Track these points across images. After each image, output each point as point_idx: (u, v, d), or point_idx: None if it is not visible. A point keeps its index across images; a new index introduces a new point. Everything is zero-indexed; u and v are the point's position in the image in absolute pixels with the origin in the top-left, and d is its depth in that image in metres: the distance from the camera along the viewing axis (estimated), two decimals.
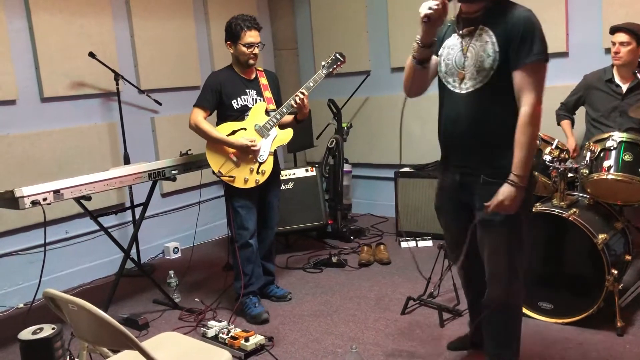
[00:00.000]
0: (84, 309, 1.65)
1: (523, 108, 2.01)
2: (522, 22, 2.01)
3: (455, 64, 2.15)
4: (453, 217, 2.38)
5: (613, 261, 2.82)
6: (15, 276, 3.79)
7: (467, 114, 2.12)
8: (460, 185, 2.24)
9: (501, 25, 2.03)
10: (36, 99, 3.92)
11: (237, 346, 2.84)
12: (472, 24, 2.10)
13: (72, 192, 2.96)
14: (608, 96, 3.49)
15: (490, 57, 2.05)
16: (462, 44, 2.12)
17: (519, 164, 2.02)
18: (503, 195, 2.03)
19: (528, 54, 1.99)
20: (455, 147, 2.24)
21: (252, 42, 3.23)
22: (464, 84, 2.12)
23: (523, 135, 2.01)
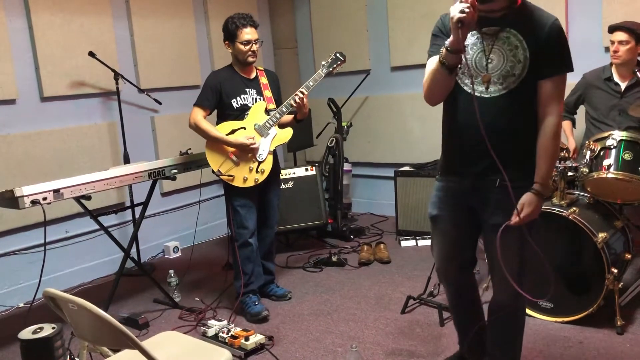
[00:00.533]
0: (84, 308, 1.65)
1: (551, 118, 1.99)
2: (555, 31, 1.96)
3: (475, 64, 2.04)
4: (454, 224, 2.24)
5: (613, 260, 2.82)
6: (15, 276, 3.80)
7: (488, 119, 1.98)
8: (472, 188, 2.13)
9: (531, 31, 1.96)
10: (36, 98, 3.92)
11: (237, 345, 2.85)
12: (496, 24, 2.00)
13: (72, 191, 2.96)
14: (607, 95, 3.49)
15: (520, 63, 1.97)
16: (485, 44, 2.02)
17: (544, 174, 2.00)
18: (530, 205, 2.00)
19: (560, 65, 1.98)
20: (470, 151, 2.10)
21: (249, 39, 3.23)
22: (489, 87, 2.02)
23: (551, 146, 1.99)
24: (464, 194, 2.16)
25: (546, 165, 2.00)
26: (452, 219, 2.22)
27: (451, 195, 2.20)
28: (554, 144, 1.99)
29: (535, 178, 2.01)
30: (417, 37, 4.76)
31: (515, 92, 2.00)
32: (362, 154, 5.44)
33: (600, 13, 3.96)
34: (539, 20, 1.97)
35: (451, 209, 2.21)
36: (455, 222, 2.23)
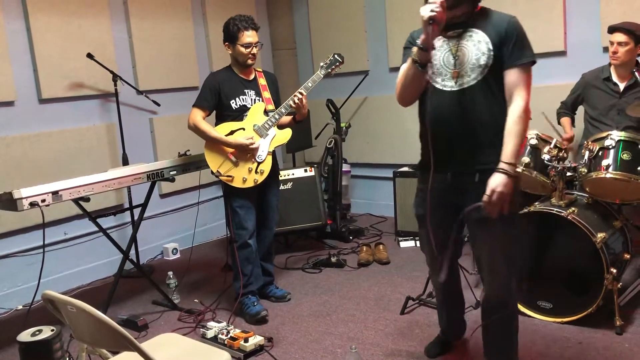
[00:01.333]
0: (83, 310, 1.64)
1: (516, 102, 2.11)
2: (514, 25, 2.13)
3: (443, 64, 2.19)
4: (439, 223, 2.26)
5: (612, 260, 2.82)
6: (14, 278, 3.79)
7: (461, 111, 2.15)
8: (453, 185, 2.22)
9: (491, 28, 2.13)
10: (34, 100, 3.92)
11: (236, 347, 2.84)
12: (459, 27, 2.17)
13: (70, 193, 2.96)
14: (606, 95, 3.50)
15: (485, 54, 2.12)
16: (450, 45, 2.18)
17: (510, 153, 2.07)
18: (495, 183, 2.05)
19: (522, 55, 2.12)
20: (448, 146, 2.20)
21: (250, 42, 3.23)
22: (458, 81, 2.16)
23: (516, 125, 2.08)
24: (445, 192, 2.23)
25: (510, 145, 2.07)
26: (437, 218, 2.24)
27: (433, 195, 2.21)
28: (519, 126, 2.08)
29: (501, 157, 2.08)
30: None
31: (484, 82, 2.14)
32: (361, 155, 5.45)
33: (599, 13, 3.96)
34: (498, 19, 2.16)
35: (435, 209, 2.23)
36: (439, 221, 2.26)
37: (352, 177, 5.49)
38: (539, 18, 4.17)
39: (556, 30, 4.13)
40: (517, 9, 4.28)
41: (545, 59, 4.17)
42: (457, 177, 2.22)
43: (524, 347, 2.74)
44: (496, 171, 2.06)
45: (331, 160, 4.79)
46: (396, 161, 5.07)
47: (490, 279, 2.26)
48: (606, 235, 2.85)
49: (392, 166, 4.99)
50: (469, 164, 2.18)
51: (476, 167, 2.17)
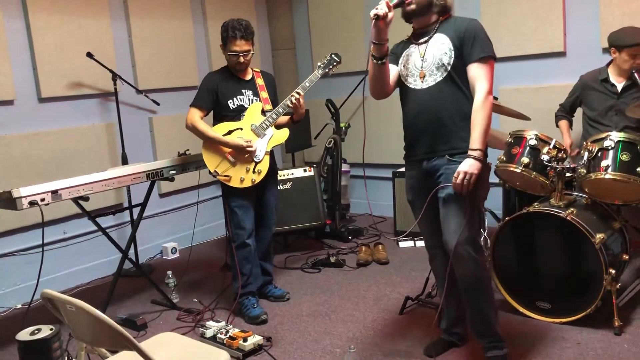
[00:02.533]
0: (82, 309, 1.64)
1: (477, 94, 2.35)
2: (472, 25, 2.40)
3: (414, 66, 2.49)
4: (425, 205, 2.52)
5: (611, 261, 2.82)
6: (13, 277, 3.79)
7: (429, 105, 2.43)
8: (427, 171, 2.50)
9: (452, 30, 2.41)
10: (34, 99, 3.92)
11: (235, 346, 2.85)
12: (426, 35, 2.47)
13: (70, 192, 2.96)
14: (604, 96, 3.51)
15: (446, 54, 2.40)
16: (420, 50, 2.47)
17: (476, 140, 2.32)
18: (465, 166, 2.31)
19: (480, 50, 2.36)
20: (421, 136, 2.49)
21: (236, 51, 3.23)
22: (425, 80, 2.44)
23: (478, 115, 2.32)
24: (423, 179, 2.52)
25: (476, 132, 2.32)
26: (423, 203, 2.53)
27: (416, 182, 2.58)
28: (481, 113, 2.32)
29: (470, 144, 2.33)
30: None
31: (448, 78, 2.41)
32: (360, 155, 5.44)
33: (598, 14, 3.96)
34: (460, 22, 2.42)
35: (420, 194, 2.56)
36: (424, 204, 2.51)
37: (351, 177, 5.49)
38: (539, 19, 4.17)
39: (556, 31, 4.14)
40: (517, 10, 4.30)
41: (545, 59, 4.18)
42: (430, 161, 2.49)
43: (522, 347, 2.75)
44: (466, 156, 2.32)
45: (330, 160, 4.79)
46: (395, 161, 5.07)
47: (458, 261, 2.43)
48: (605, 236, 2.85)
49: (391, 166, 4.99)
50: (440, 149, 2.45)
51: (446, 151, 2.43)
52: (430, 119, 2.43)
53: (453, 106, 2.41)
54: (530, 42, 4.22)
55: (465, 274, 2.46)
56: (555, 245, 2.97)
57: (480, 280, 2.48)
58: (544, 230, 2.99)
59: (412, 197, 2.63)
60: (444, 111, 2.42)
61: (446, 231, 2.44)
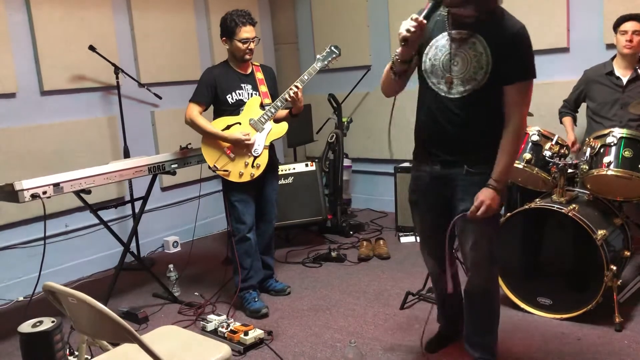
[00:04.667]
0: (84, 302, 1.65)
1: (514, 120, 2.15)
2: (521, 36, 2.11)
3: (441, 65, 2.20)
4: (429, 208, 2.44)
5: (612, 257, 2.82)
6: (15, 269, 3.80)
7: (452, 117, 2.21)
8: (441, 176, 2.32)
9: (496, 38, 2.10)
10: (36, 92, 3.91)
11: (236, 340, 2.85)
12: (465, 28, 2.15)
13: (72, 185, 2.96)
14: (609, 89, 3.50)
15: (483, 69, 2.13)
16: (452, 48, 2.17)
17: (502, 171, 2.17)
18: (484, 196, 2.16)
19: (524, 72, 2.13)
20: (438, 143, 2.30)
21: (247, 37, 3.22)
22: (452, 89, 2.19)
23: (511, 146, 2.17)
24: (434, 182, 2.35)
25: (503, 163, 2.17)
26: (427, 204, 2.44)
27: (424, 183, 2.40)
28: (514, 145, 2.17)
29: (492, 174, 2.18)
30: None
31: (475, 95, 2.16)
32: (362, 150, 5.44)
33: (602, 10, 3.95)
34: (506, 27, 2.11)
35: (425, 196, 2.42)
36: (429, 207, 2.43)
37: (353, 172, 5.49)
38: (543, 14, 4.15)
39: (559, 26, 4.12)
40: (520, 6, 4.26)
41: (548, 55, 4.16)
42: (445, 168, 2.30)
43: (523, 342, 2.75)
44: (486, 186, 2.17)
45: (332, 155, 4.78)
46: (397, 157, 5.07)
47: (473, 267, 2.36)
48: (606, 233, 2.85)
49: (393, 162, 4.98)
50: (457, 159, 2.26)
51: (464, 162, 2.25)
52: (451, 130, 2.22)
53: (478, 122, 2.20)
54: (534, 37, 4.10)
55: (475, 284, 2.39)
56: (557, 241, 2.97)
57: (489, 293, 2.41)
58: (545, 226, 2.99)
59: (415, 197, 2.48)
60: (468, 127, 2.20)
61: (464, 243, 2.34)
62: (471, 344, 2.50)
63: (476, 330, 2.48)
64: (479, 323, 2.46)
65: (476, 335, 2.48)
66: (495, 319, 2.46)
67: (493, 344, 2.47)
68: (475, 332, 2.48)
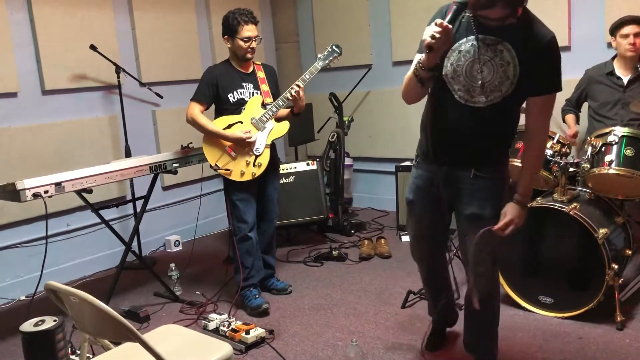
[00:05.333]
0: (86, 301, 1.65)
1: (539, 136, 2.13)
2: (551, 46, 2.00)
3: (464, 72, 2.07)
4: (427, 209, 2.36)
5: (613, 256, 2.82)
6: (16, 268, 3.81)
7: (468, 125, 2.13)
8: (447, 177, 2.25)
9: (525, 47, 1.99)
10: (37, 91, 3.92)
11: (237, 339, 2.86)
12: (492, 34, 2.01)
13: (73, 184, 2.97)
14: (610, 89, 3.50)
15: (509, 80, 2.03)
16: (477, 54, 2.03)
17: (526, 186, 2.15)
18: (512, 214, 2.12)
19: (552, 84, 2.05)
20: (446, 148, 2.23)
21: (249, 36, 3.23)
22: (473, 97, 2.08)
23: (536, 159, 2.19)
24: (437, 184, 2.26)
25: (528, 179, 2.16)
26: (425, 205, 2.36)
27: (426, 184, 2.32)
28: (539, 159, 2.22)
29: (518, 189, 2.15)
30: (419, 31, 4.71)
31: (499, 106, 2.08)
32: (363, 149, 5.44)
33: (603, 9, 3.94)
34: (537, 36, 1.99)
35: (425, 197, 2.34)
36: (427, 208, 2.36)
37: (354, 171, 5.49)
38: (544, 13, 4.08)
39: (561, 25, 4.11)
40: None
41: None
42: (452, 170, 2.24)
43: (524, 341, 2.75)
44: (514, 202, 2.14)
45: (333, 154, 4.78)
46: (398, 155, 5.06)
47: (476, 274, 2.32)
48: (608, 231, 2.84)
49: (394, 160, 4.98)
50: (465, 162, 2.21)
51: (472, 164, 2.20)
52: (466, 138, 2.15)
53: (495, 132, 2.15)
54: None
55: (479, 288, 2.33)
56: (558, 240, 2.97)
57: (491, 297, 2.38)
58: (546, 225, 2.99)
59: (413, 197, 2.39)
60: (486, 137, 2.14)
61: (467, 249, 2.30)
62: (472, 348, 2.50)
63: (477, 334, 2.47)
64: (480, 327, 2.44)
65: (476, 339, 2.47)
66: (495, 323, 2.44)
67: (493, 346, 2.46)
68: (476, 336, 2.47)
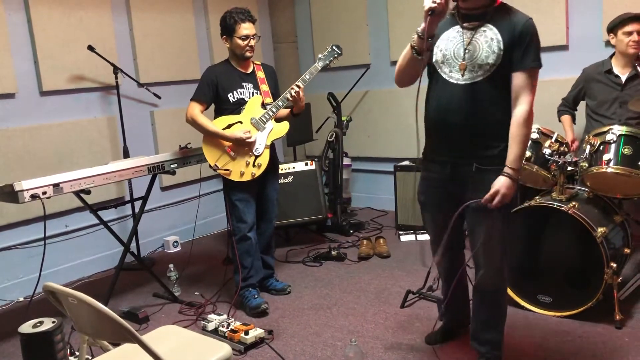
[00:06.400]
0: (84, 302, 1.65)
1: (521, 107, 2.18)
2: (528, 28, 2.16)
3: (453, 55, 2.24)
4: (439, 209, 2.44)
5: (612, 254, 2.82)
6: (15, 270, 3.80)
7: (462, 104, 2.23)
8: (451, 176, 2.32)
9: (507, 27, 2.16)
10: (35, 92, 3.91)
11: (237, 339, 2.85)
12: (476, 20, 2.21)
13: (71, 185, 2.96)
14: (608, 87, 3.50)
15: (495, 53, 2.16)
16: (464, 37, 2.22)
17: (515, 159, 2.17)
18: (499, 185, 2.16)
19: (532, 59, 2.16)
20: (448, 136, 2.30)
21: (247, 34, 3.23)
22: (464, 75, 2.22)
23: (521, 131, 2.17)
24: (444, 182, 2.35)
25: (515, 150, 2.17)
26: (437, 205, 2.44)
27: (434, 184, 2.42)
28: (523, 130, 2.17)
29: (506, 162, 2.19)
30: None
31: (490, 80, 2.19)
32: (361, 149, 5.44)
33: (601, 7, 3.95)
34: (515, 18, 2.18)
35: (435, 196, 2.43)
36: (440, 208, 2.43)
37: (353, 171, 5.49)
38: (542, 12, 4.15)
39: (558, 24, 4.12)
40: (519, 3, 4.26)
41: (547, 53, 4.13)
42: (455, 167, 2.31)
43: (523, 340, 2.75)
44: (501, 174, 2.17)
45: (332, 154, 4.78)
46: (397, 155, 5.07)
47: (485, 264, 2.36)
48: (606, 230, 2.84)
49: (393, 160, 4.99)
50: (467, 155, 2.27)
51: (474, 159, 2.26)
52: (462, 119, 2.23)
53: (488, 110, 2.22)
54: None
55: (486, 282, 2.39)
56: (557, 239, 2.97)
57: (499, 290, 2.43)
58: (545, 224, 2.99)
59: (425, 198, 2.49)
60: (479, 115, 2.22)
61: (475, 241, 2.34)
62: (478, 340, 2.52)
63: (484, 326, 2.49)
64: (487, 319, 2.47)
65: (483, 331, 2.49)
66: (503, 315, 2.47)
67: (499, 339, 2.48)
68: (483, 328, 2.49)
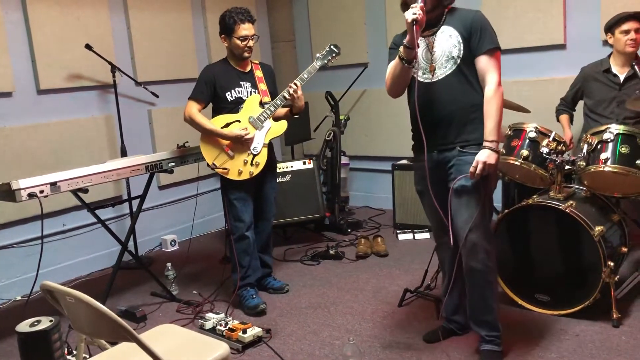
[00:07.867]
0: (82, 301, 1.65)
1: (489, 85, 2.40)
2: (478, 18, 2.44)
3: (422, 59, 2.49)
4: (435, 195, 2.50)
5: (609, 253, 2.83)
6: (12, 269, 3.80)
7: (440, 98, 2.45)
8: (438, 162, 2.51)
9: (460, 23, 2.44)
10: (32, 91, 3.91)
11: (234, 338, 2.86)
12: (433, 27, 2.47)
13: (69, 184, 2.96)
14: (606, 87, 3.50)
15: (456, 47, 2.42)
16: (427, 43, 2.48)
17: (491, 131, 2.38)
18: (482, 156, 2.35)
19: (489, 42, 2.40)
20: (431, 129, 2.45)
21: (246, 34, 3.22)
22: (435, 73, 2.46)
23: (491, 106, 2.38)
24: (433, 169, 2.50)
25: (489, 123, 2.38)
26: (432, 192, 2.50)
27: (424, 173, 2.52)
28: (494, 104, 2.37)
29: (484, 136, 2.39)
30: None
31: (458, 71, 2.43)
32: (359, 148, 5.44)
33: (599, 7, 3.95)
34: (465, 14, 2.46)
35: (429, 184, 2.50)
36: (435, 194, 2.49)
37: (351, 170, 5.49)
38: (539, 11, 4.16)
39: (556, 23, 4.12)
40: (517, 2, 4.28)
41: (545, 52, 4.17)
42: (441, 153, 2.51)
43: (520, 339, 2.76)
44: (482, 147, 2.37)
45: (330, 153, 4.78)
46: (395, 154, 5.07)
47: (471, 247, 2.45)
48: (604, 229, 2.85)
49: (390, 159, 4.99)
50: (450, 141, 2.48)
51: (456, 143, 2.47)
52: (441, 112, 2.45)
53: (463, 98, 2.44)
54: (531, 34, 4.21)
55: (474, 262, 2.47)
56: (554, 238, 2.97)
57: (488, 270, 2.50)
58: (543, 222, 3.00)
59: (421, 187, 2.62)
60: (455, 103, 2.44)
61: (458, 221, 2.46)
62: (476, 322, 2.59)
63: (479, 307, 2.56)
64: (481, 300, 2.55)
65: (479, 312, 2.57)
66: (494, 295, 2.55)
67: (495, 319, 2.56)
68: (478, 309, 2.57)
